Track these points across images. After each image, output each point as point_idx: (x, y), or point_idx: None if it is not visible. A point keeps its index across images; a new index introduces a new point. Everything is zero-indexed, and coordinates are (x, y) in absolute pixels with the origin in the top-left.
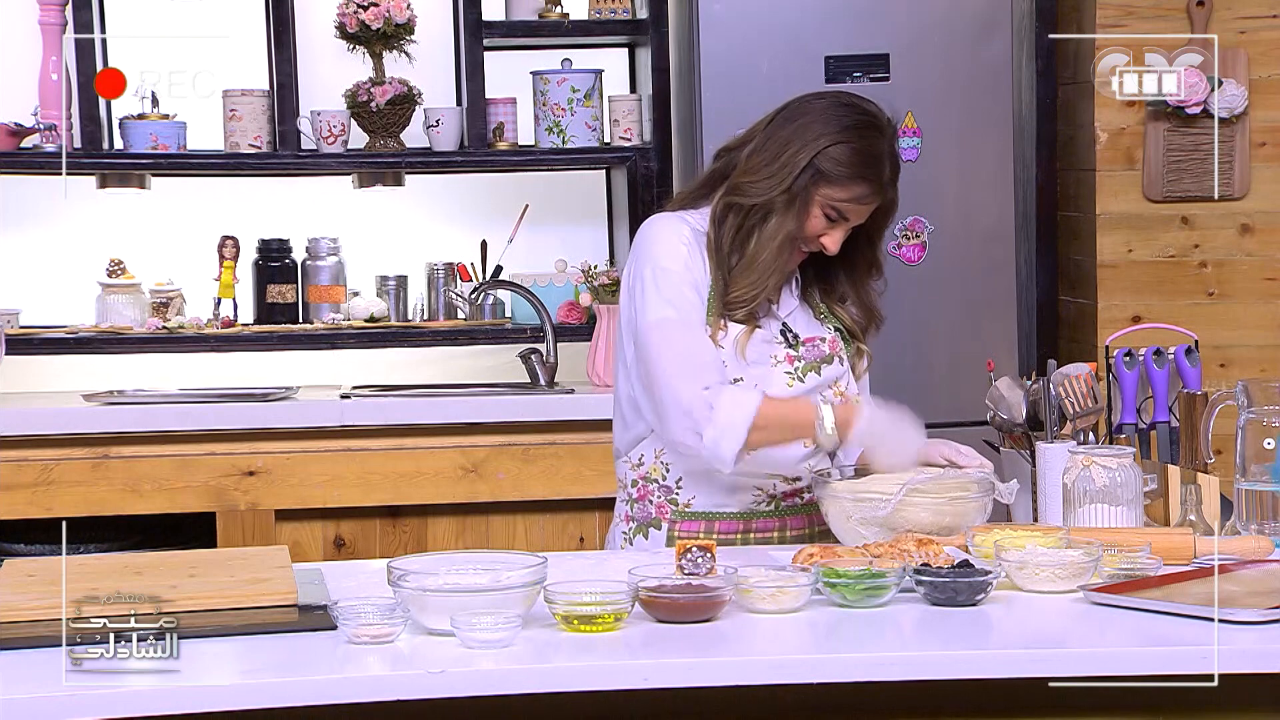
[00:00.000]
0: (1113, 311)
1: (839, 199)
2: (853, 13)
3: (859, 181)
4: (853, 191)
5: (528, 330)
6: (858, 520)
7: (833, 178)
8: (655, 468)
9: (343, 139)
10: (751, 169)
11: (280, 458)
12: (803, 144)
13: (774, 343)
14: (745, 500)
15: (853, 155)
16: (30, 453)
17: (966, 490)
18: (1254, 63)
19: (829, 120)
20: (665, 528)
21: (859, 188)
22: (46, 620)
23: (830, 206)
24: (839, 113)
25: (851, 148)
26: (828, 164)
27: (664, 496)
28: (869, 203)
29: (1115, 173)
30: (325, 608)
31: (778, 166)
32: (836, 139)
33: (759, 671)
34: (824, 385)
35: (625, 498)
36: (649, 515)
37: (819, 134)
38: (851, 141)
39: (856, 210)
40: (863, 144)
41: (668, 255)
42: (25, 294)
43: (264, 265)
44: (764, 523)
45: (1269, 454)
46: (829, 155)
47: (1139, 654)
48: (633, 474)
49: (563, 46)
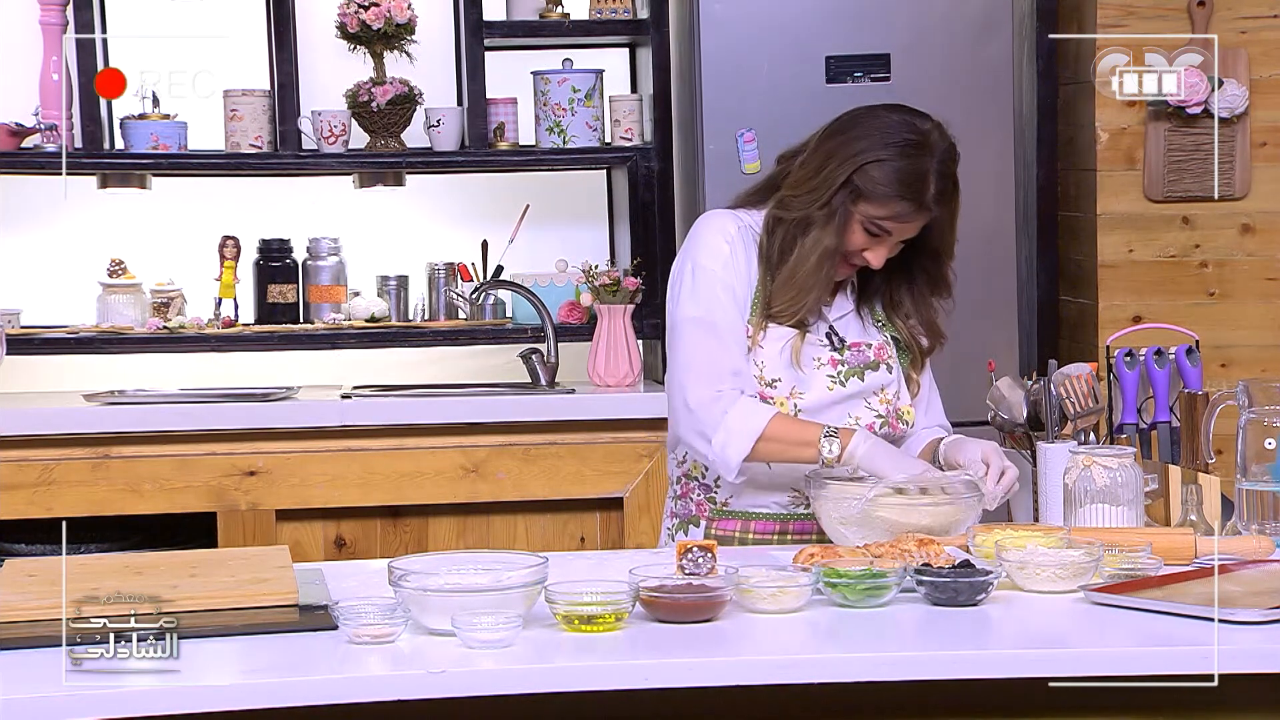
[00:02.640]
0: (1113, 311)
1: (877, 216)
2: (853, 13)
3: (896, 200)
4: (891, 210)
5: (528, 330)
6: (837, 519)
7: (870, 195)
8: (696, 465)
9: (343, 139)
10: (797, 182)
11: (281, 458)
12: (844, 159)
13: (819, 345)
14: (783, 501)
15: (892, 174)
16: (31, 453)
17: (946, 493)
18: (1255, 63)
19: (874, 137)
20: (703, 525)
21: (897, 206)
22: (46, 620)
23: (871, 222)
24: (887, 129)
25: (892, 166)
26: (865, 181)
27: (703, 494)
28: (910, 220)
29: (1116, 173)
30: (326, 608)
31: (819, 181)
32: (878, 156)
33: (760, 671)
34: (868, 392)
35: (671, 494)
36: (689, 512)
37: (861, 150)
38: (893, 160)
39: (899, 228)
40: (905, 163)
41: (709, 254)
42: (26, 294)
43: (265, 265)
44: (802, 524)
45: (1270, 454)
46: (867, 173)
47: (1139, 654)
48: (677, 470)
49: (563, 46)
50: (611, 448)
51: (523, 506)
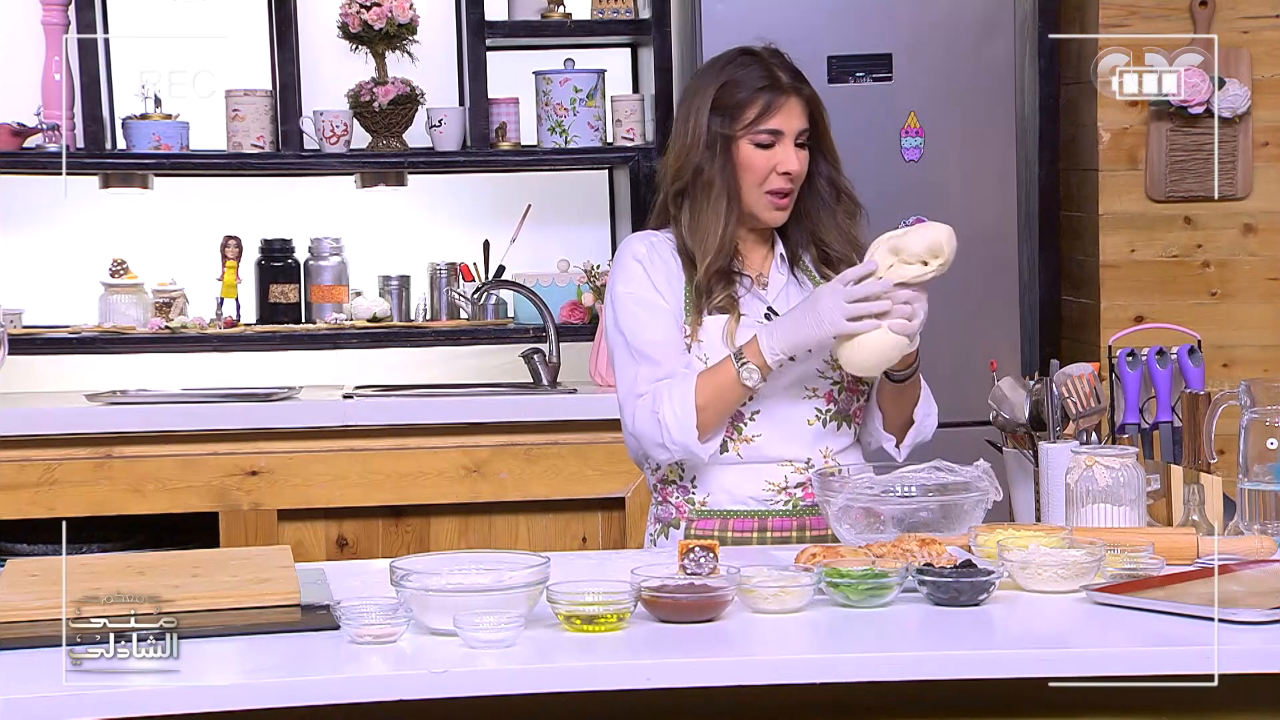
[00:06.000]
0: (1115, 311)
1: (753, 119)
2: (855, 13)
3: (758, 94)
4: (758, 105)
5: (530, 330)
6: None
7: (735, 108)
8: (671, 469)
9: (345, 139)
10: (676, 154)
11: (283, 458)
12: (698, 105)
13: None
14: (759, 496)
15: (742, 81)
16: (33, 453)
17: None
18: (1257, 62)
19: (708, 72)
20: (684, 526)
21: (762, 98)
22: (47, 620)
23: (755, 133)
24: (715, 61)
25: (738, 76)
26: (724, 103)
27: (681, 496)
28: (785, 108)
29: (1118, 172)
30: (328, 607)
31: (690, 136)
32: (721, 80)
33: (762, 671)
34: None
35: (652, 501)
36: (670, 515)
37: (705, 85)
38: (734, 71)
39: (780, 120)
40: (745, 70)
41: (623, 278)
42: (28, 294)
43: (267, 265)
44: (780, 521)
45: (1271, 454)
46: (722, 97)
47: (1140, 654)
48: (653, 479)
49: (565, 46)
50: (613, 448)
51: (524, 506)
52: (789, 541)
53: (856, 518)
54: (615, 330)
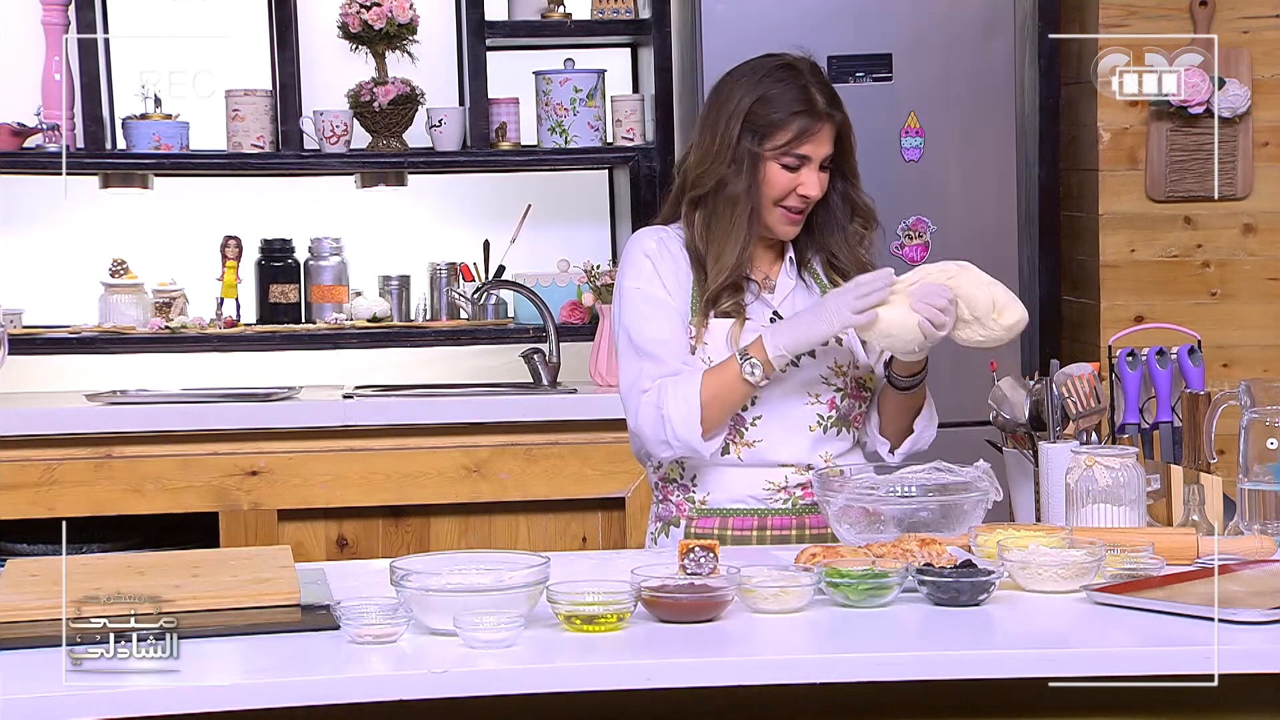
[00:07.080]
0: (1115, 311)
1: (784, 143)
2: (855, 13)
3: (793, 118)
4: (794, 129)
5: (530, 330)
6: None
7: (770, 127)
8: (672, 467)
9: (345, 139)
10: (699, 159)
11: (283, 458)
12: (731, 113)
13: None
14: (759, 495)
15: (779, 99)
16: (33, 453)
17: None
18: (1257, 62)
19: (745, 80)
20: (684, 524)
21: (797, 123)
22: (47, 620)
23: (784, 153)
24: (753, 70)
25: (775, 93)
26: (759, 119)
27: (682, 495)
28: (817, 133)
29: (1118, 172)
30: (328, 607)
31: (719, 144)
32: (759, 94)
33: (762, 671)
34: (823, 366)
35: (653, 499)
36: (670, 514)
37: (741, 96)
38: (773, 88)
39: (812, 147)
40: (784, 87)
41: (631, 274)
42: (28, 294)
43: (267, 265)
44: (780, 520)
45: (1272, 454)
46: (757, 111)
47: (1140, 654)
48: (654, 477)
49: (565, 46)
50: (613, 448)
51: (524, 506)
52: (789, 540)
53: (856, 518)
54: (621, 325)
